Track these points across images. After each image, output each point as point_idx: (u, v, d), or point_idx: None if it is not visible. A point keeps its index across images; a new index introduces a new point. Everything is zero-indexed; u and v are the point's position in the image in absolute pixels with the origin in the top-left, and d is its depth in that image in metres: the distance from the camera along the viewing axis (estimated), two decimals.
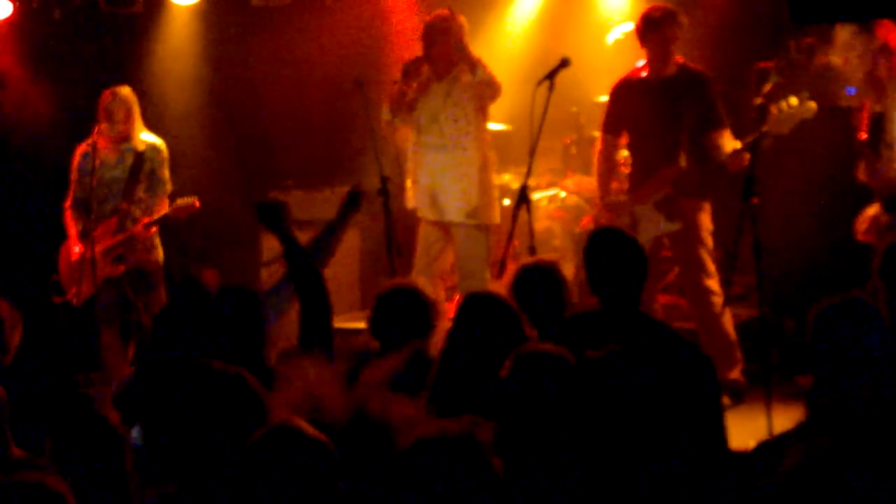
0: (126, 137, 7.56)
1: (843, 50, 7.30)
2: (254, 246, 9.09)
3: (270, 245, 8.89)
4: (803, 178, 8.11)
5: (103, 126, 7.52)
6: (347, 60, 8.65)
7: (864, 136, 6.86)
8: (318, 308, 4.92)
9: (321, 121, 9.40)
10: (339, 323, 8.68)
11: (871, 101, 6.88)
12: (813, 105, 6.52)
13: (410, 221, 7.63)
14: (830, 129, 7.03)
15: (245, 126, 9.06)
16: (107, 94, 7.59)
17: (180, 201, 7.64)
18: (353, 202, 5.62)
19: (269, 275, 8.85)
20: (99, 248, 7.38)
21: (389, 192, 7.00)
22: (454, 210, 7.22)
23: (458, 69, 7.24)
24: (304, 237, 8.81)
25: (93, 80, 8.55)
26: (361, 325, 8.48)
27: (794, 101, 6.48)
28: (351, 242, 8.41)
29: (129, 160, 7.57)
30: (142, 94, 9.00)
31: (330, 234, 5.54)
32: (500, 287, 6.48)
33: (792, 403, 3.61)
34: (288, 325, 5.26)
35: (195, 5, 9.01)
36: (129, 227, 7.57)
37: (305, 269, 4.95)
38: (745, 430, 5.76)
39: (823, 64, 7.63)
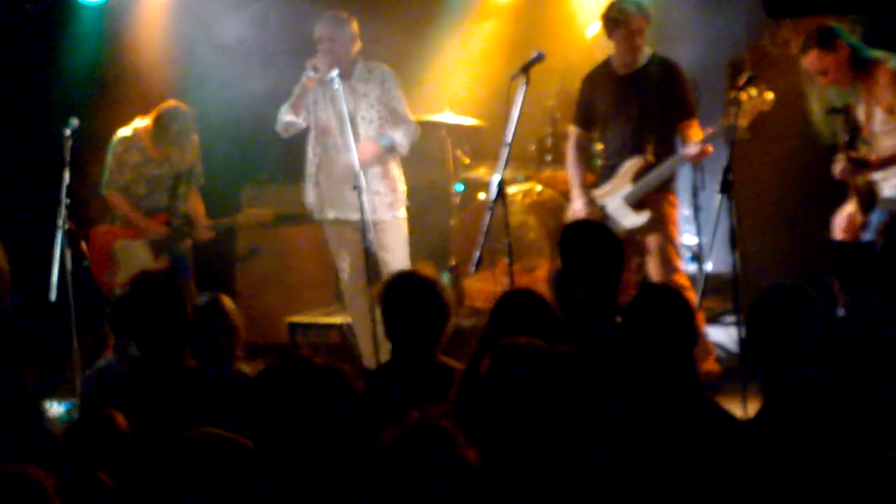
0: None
1: None
2: (229, 241, 9.02)
3: (246, 240, 8.86)
4: (780, 173, 8.12)
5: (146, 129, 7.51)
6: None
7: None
8: None
9: None
10: (313, 318, 8.68)
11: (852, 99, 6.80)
12: (770, 96, 6.50)
13: None
14: (807, 124, 6.96)
15: (220, 120, 8.94)
16: (176, 109, 7.50)
17: (253, 210, 7.85)
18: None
19: (243, 271, 8.81)
20: (145, 240, 7.51)
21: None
22: (382, 207, 7.27)
23: (359, 69, 7.30)
24: (283, 231, 8.81)
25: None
26: (335, 320, 8.52)
27: (753, 91, 6.47)
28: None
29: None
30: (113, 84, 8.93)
31: None
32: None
33: None
34: None
35: None
36: (175, 222, 7.59)
37: None
38: None
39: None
